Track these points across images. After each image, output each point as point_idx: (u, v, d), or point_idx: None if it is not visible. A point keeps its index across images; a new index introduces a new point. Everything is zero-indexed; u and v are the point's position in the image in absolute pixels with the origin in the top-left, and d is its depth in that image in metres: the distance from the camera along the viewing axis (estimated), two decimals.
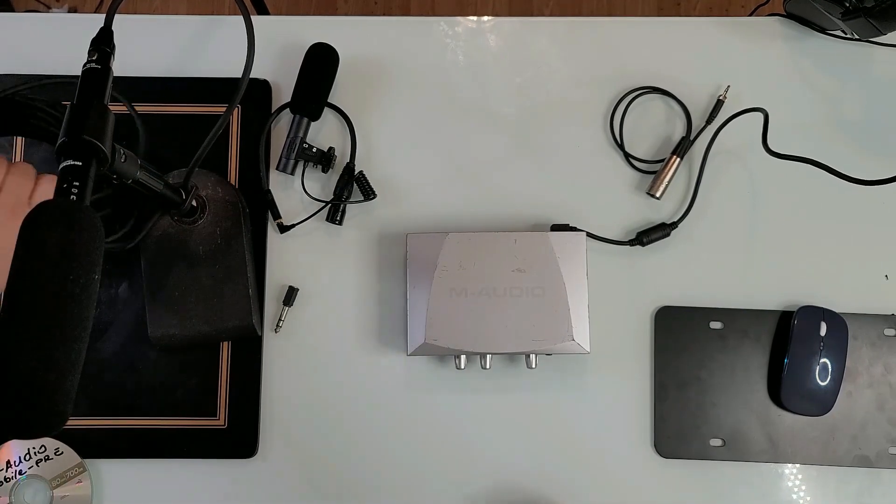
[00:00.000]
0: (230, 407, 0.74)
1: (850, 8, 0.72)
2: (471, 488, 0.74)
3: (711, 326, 0.76)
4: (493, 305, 0.69)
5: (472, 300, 0.69)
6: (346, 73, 0.78)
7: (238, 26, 0.64)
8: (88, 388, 0.73)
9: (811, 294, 0.76)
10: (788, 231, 0.78)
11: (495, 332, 0.69)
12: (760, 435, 0.74)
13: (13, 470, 0.72)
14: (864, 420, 0.74)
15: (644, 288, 0.77)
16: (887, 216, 0.78)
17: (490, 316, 0.69)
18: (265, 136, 0.77)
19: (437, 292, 0.69)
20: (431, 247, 0.70)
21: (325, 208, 0.76)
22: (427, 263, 0.69)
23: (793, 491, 0.74)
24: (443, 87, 0.80)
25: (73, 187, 0.47)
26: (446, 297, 0.69)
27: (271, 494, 0.74)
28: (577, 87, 0.80)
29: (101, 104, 0.52)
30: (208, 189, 0.73)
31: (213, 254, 0.72)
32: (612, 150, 0.79)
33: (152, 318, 0.72)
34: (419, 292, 0.69)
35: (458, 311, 0.69)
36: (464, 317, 0.69)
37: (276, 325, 0.75)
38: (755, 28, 0.82)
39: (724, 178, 0.78)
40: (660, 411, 0.74)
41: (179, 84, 0.78)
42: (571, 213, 0.77)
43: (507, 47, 0.81)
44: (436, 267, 0.69)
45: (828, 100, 0.80)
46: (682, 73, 0.80)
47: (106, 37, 0.56)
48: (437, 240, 0.70)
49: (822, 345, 0.74)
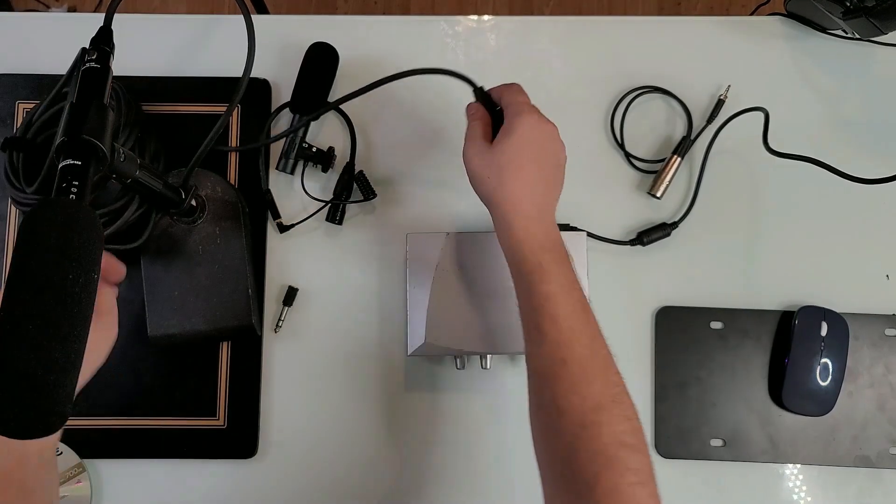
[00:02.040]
0: (230, 407, 0.73)
1: (851, 7, 0.72)
2: (471, 488, 0.74)
3: (712, 326, 0.76)
4: (493, 305, 0.69)
5: (472, 300, 0.69)
6: (346, 73, 0.78)
7: (238, 25, 0.64)
8: (88, 388, 0.72)
9: (812, 294, 0.76)
10: (789, 231, 0.78)
11: (495, 332, 0.69)
12: (761, 435, 0.74)
13: None
14: (864, 420, 0.74)
15: (644, 288, 0.77)
16: (888, 216, 0.78)
17: (490, 316, 0.69)
18: (265, 135, 0.77)
19: (437, 292, 0.69)
20: (431, 247, 0.70)
21: (325, 208, 0.76)
22: (427, 263, 0.69)
23: (793, 491, 0.74)
24: (443, 86, 0.80)
25: (72, 186, 0.47)
26: (446, 297, 0.69)
27: (271, 494, 0.74)
28: (577, 87, 0.80)
29: (101, 103, 0.52)
30: (208, 189, 0.73)
31: (213, 253, 0.72)
32: (613, 149, 0.79)
33: (152, 318, 0.72)
34: (419, 292, 0.69)
35: (458, 311, 0.69)
36: (464, 317, 0.69)
37: (276, 325, 0.75)
38: (756, 27, 0.82)
39: (725, 178, 0.78)
40: (660, 411, 0.74)
41: (179, 83, 0.78)
42: (572, 213, 0.76)
43: (508, 47, 0.81)
44: (436, 267, 0.69)
45: (828, 99, 0.80)
46: (682, 73, 0.80)
47: (105, 36, 0.56)
48: (437, 240, 0.70)
49: (823, 345, 0.73)
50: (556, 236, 0.58)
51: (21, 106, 0.77)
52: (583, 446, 0.50)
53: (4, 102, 0.77)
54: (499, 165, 0.58)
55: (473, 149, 0.61)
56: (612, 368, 0.55)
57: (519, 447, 0.74)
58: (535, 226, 0.58)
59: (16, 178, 0.67)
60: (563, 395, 0.52)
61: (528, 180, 0.59)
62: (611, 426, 0.51)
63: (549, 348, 0.54)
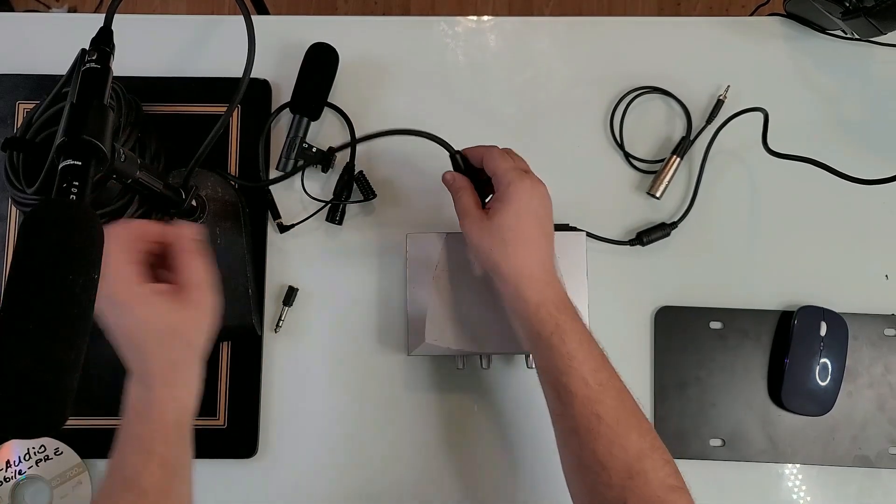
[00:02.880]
0: (230, 407, 0.73)
1: (851, 8, 0.72)
2: (471, 488, 0.74)
3: (711, 326, 0.76)
4: (493, 305, 0.69)
5: (472, 300, 0.69)
6: (345, 73, 0.78)
7: (238, 26, 0.64)
8: (88, 388, 0.73)
9: (811, 294, 0.76)
10: (788, 231, 0.78)
11: (495, 332, 0.69)
12: (760, 435, 0.74)
13: (13, 470, 0.72)
14: (864, 420, 0.74)
15: (644, 288, 0.77)
16: (887, 216, 0.78)
17: (490, 316, 0.69)
18: (265, 135, 0.77)
19: (437, 292, 0.69)
20: (431, 247, 0.70)
21: (325, 208, 0.76)
22: (427, 263, 0.69)
23: (793, 491, 0.74)
24: (443, 86, 0.80)
25: (72, 187, 0.47)
26: (446, 297, 0.69)
27: (271, 494, 0.74)
28: (577, 87, 0.80)
29: (101, 104, 0.52)
30: (208, 189, 0.73)
31: (213, 254, 0.72)
32: (613, 149, 0.79)
33: None
34: (419, 292, 0.69)
35: (458, 311, 0.69)
36: (464, 317, 0.69)
37: (276, 325, 0.75)
38: (755, 28, 0.82)
39: (725, 178, 0.78)
40: (660, 411, 0.74)
41: (179, 84, 0.78)
42: (571, 213, 0.76)
43: (507, 47, 0.81)
44: (436, 267, 0.69)
45: (828, 99, 0.80)
46: (682, 73, 0.80)
47: (105, 36, 0.56)
48: (437, 240, 0.70)
49: (823, 345, 0.74)
50: (564, 292, 0.60)
51: (21, 106, 0.77)
52: (633, 496, 0.53)
53: (4, 102, 0.77)
54: (502, 239, 0.59)
55: (472, 223, 0.61)
56: (641, 414, 0.57)
57: (519, 447, 0.74)
58: (548, 289, 0.59)
59: (16, 179, 0.67)
60: (604, 451, 0.54)
61: (533, 247, 0.60)
62: (656, 472, 0.54)
63: (581, 406, 0.56)
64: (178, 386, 0.55)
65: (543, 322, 0.58)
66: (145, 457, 0.53)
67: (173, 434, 0.54)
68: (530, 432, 0.74)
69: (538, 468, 0.74)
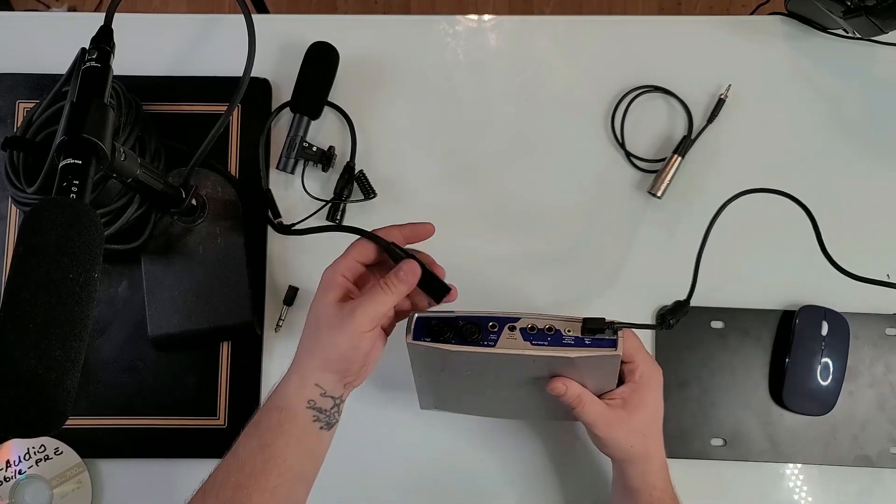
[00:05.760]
0: (230, 407, 0.73)
1: (852, 6, 0.72)
2: (472, 488, 0.74)
3: (712, 326, 0.76)
4: (503, 384, 0.66)
5: (482, 386, 0.66)
6: (346, 73, 0.78)
7: (238, 25, 0.64)
8: (88, 387, 0.73)
9: (812, 293, 0.76)
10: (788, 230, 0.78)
11: (509, 405, 0.68)
12: (761, 434, 0.74)
13: (13, 469, 0.72)
14: (865, 420, 0.74)
15: (644, 288, 0.76)
16: (888, 216, 0.78)
17: (502, 395, 0.67)
18: (265, 135, 0.77)
19: (446, 384, 0.67)
20: (435, 355, 0.66)
21: (324, 208, 0.76)
22: (430, 365, 0.65)
23: (794, 491, 0.74)
24: (443, 85, 0.80)
25: (72, 186, 0.47)
26: (455, 384, 0.66)
27: None
28: (577, 86, 0.80)
29: (101, 103, 0.52)
30: (208, 188, 0.73)
31: (213, 253, 0.72)
32: (613, 148, 0.79)
33: (152, 318, 0.72)
34: (426, 385, 0.67)
35: (468, 392, 0.68)
36: (475, 393, 0.68)
37: (276, 324, 0.75)
38: (756, 27, 0.82)
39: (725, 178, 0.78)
40: None
41: (179, 83, 0.78)
42: (572, 213, 0.76)
43: (508, 46, 0.81)
44: (441, 370, 0.65)
45: (829, 98, 0.80)
46: (683, 72, 0.80)
47: (105, 35, 0.56)
48: (440, 353, 0.66)
49: (824, 344, 0.73)
50: (668, 471, 0.64)
51: (21, 105, 0.77)
52: None
53: (4, 102, 0.77)
54: (643, 435, 0.62)
55: (610, 429, 0.61)
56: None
57: (519, 447, 0.74)
58: (663, 471, 0.63)
59: (16, 178, 0.67)
60: None
61: (660, 432, 0.63)
62: None
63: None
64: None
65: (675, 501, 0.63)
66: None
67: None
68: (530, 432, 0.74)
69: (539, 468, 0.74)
